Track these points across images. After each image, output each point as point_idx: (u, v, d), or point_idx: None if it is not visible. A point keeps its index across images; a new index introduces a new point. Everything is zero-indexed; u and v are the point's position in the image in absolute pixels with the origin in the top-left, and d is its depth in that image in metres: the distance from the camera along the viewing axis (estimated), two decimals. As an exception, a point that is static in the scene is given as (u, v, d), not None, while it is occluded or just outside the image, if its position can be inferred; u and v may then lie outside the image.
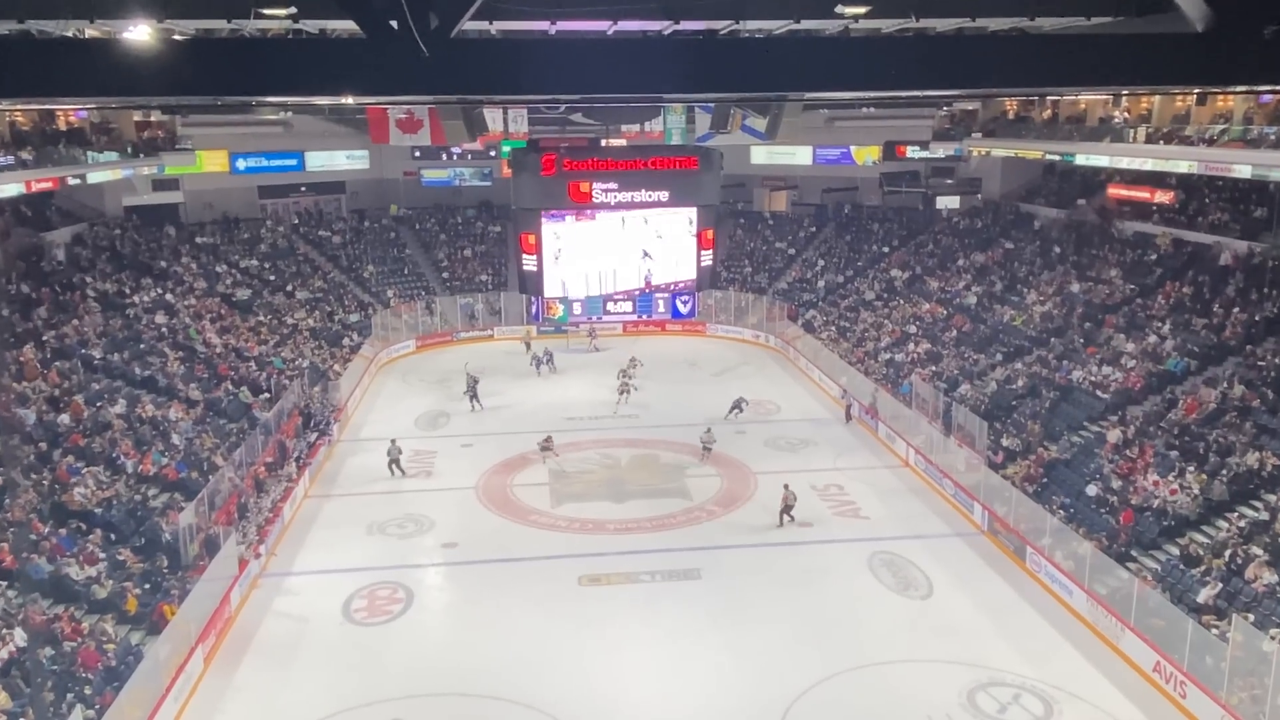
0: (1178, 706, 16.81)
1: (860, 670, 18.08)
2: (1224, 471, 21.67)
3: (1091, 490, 23.30)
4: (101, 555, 19.82)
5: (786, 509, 24.00)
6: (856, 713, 16.78)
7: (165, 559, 20.62)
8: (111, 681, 16.31)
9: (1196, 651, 16.67)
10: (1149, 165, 30.56)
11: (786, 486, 24.08)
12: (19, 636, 16.47)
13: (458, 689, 17.60)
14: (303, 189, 47.61)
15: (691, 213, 30.50)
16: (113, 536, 20.83)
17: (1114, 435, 24.73)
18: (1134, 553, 20.97)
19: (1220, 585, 18.37)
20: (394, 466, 27.76)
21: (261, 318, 37.46)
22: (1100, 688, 17.53)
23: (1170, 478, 22.13)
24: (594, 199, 31.73)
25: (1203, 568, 19.30)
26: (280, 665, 18.67)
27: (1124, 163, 32.07)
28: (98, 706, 15.50)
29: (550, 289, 33.68)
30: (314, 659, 18.82)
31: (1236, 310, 27.05)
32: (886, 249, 44.60)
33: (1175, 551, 20.48)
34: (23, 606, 17.24)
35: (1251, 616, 16.98)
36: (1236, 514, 20.60)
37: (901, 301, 39.46)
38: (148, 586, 19.63)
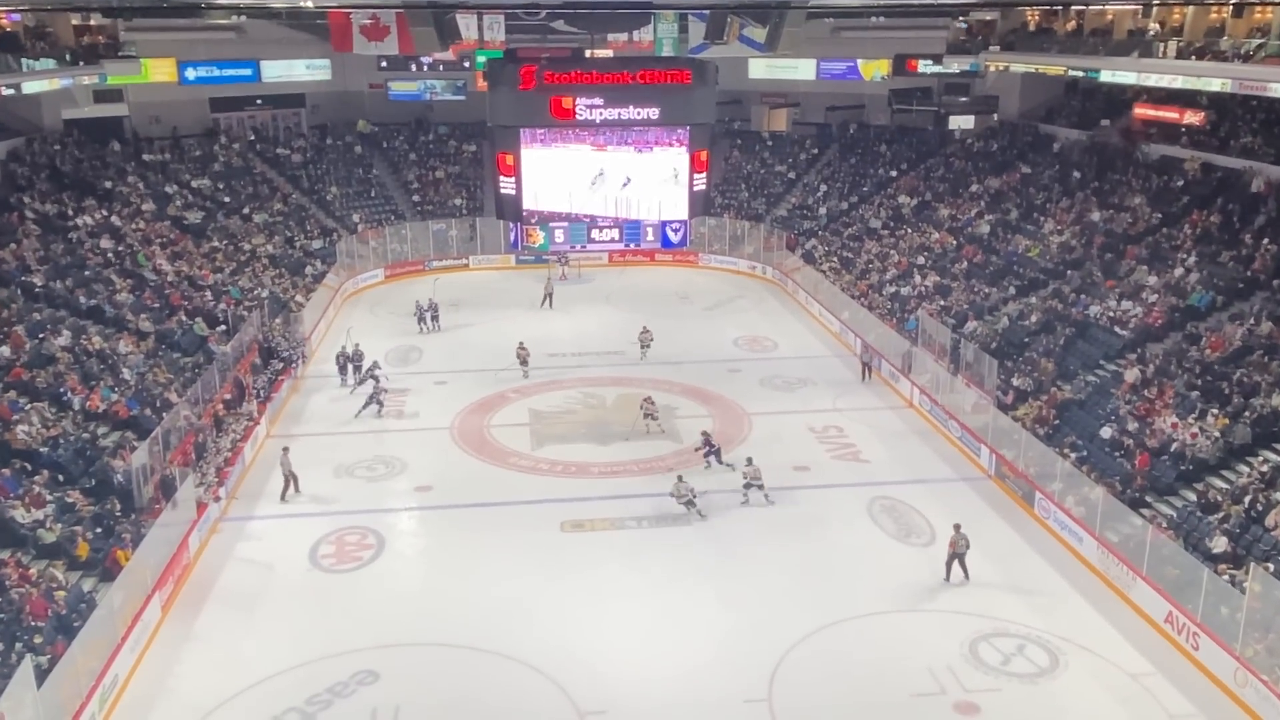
0: (1189, 659, 17.21)
1: (858, 621, 18.41)
2: (1247, 413, 21.90)
3: (1106, 433, 23.54)
4: (49, 497, 19.85)
5: (957, 557, 19.48)
6: (853, 665, 17.11)
7: (117, 502, 20.69)
8: (63, 630, 16.45)
9: (1211, 602, 17.00)
10: (1179, 83, 30.27)
11: (958, 528, 19.65)
12: (-38, 583, 16.56)
13: (431, 639, 17.84)
14: (259, 102, 46.77)
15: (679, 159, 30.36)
16: (60, 477, 20.85)
17: (1132, 374, 24.91)
18: (1149, 498, 21.28)
19: (1228, 542, 18.66)
20: (374, 400, 28.17)
21: (216, 243, 37.09)
22: (1109, 639, 17.91)
23: (1190, 420, 22.36)
24: (577, 115, 31.34)
25: (1221, 514, 19.61)
26: (243, 614, 18.87)
27: (1152, 80, 31.75)
28: (49, 656, 15.65)
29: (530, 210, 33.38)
30: (279, 607, 19.03)
31: (1266, 241, 27.08)
32: (894, 173, 44.32)
33: (1193, 497, 20.80)
34: (-35, 551, 17.31)
35: (1271, 566, 17.29)
36: (1260, 458, 20.87)
37: (909, 230, 39.35)
38: (99, 530, 19.73)
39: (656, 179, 31.38)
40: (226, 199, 40.89)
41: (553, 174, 31.88)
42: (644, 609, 18.78)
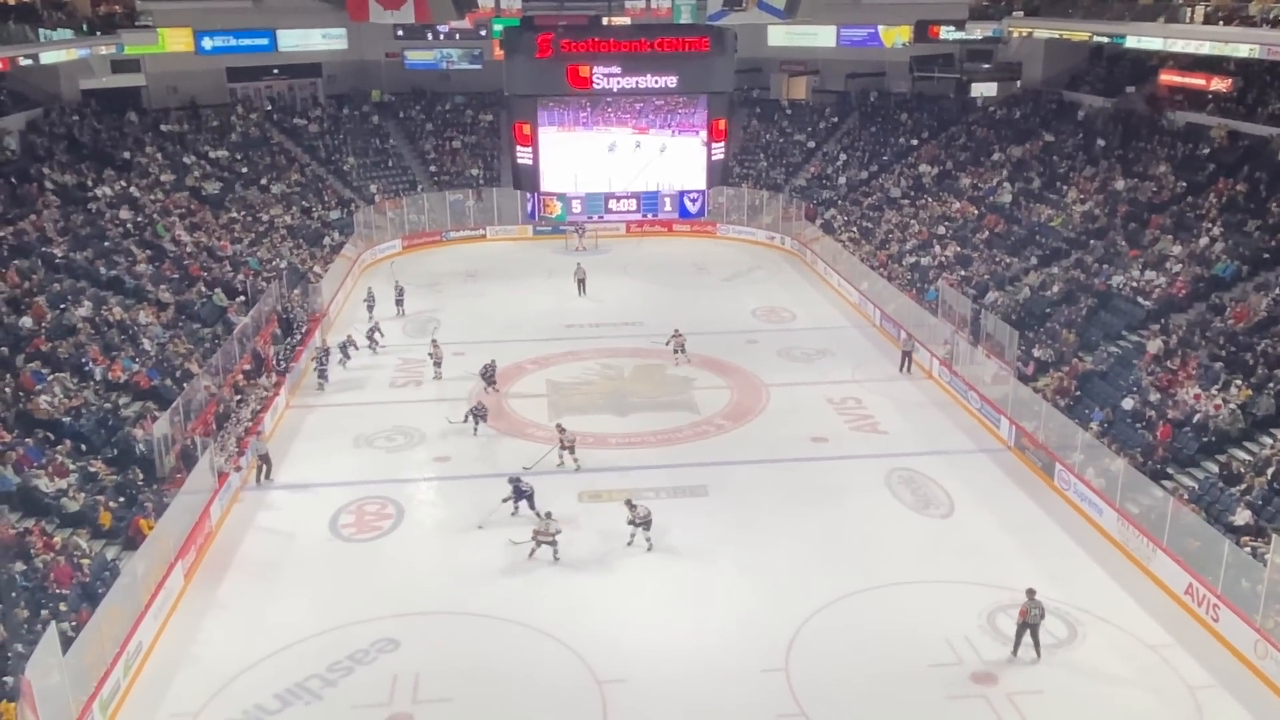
0: (1209, 630, 17.19)
1: (875, 591, 18.45)
2: (1271, 384, 21.72)
3: (1128, 404, 23.41)
4: (72, 467, 20.09)
5: (1029, 628, 16.53)
6: (870, 635, 17.18)
7: (139, 471, 20.92)
8: (87, 598, 16.70)
9: (1232, 574, 16.96)
10: (1206, 49, 29.79)
11: (1031, 595, 16.61)
12: (-12, 551, 16.81)
13: (451, 608, 18.01)
14: (275, 71, 46.71)
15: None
16: (83, 447, 21.08)
17: (1154, 345, 24.73)
18: (1170, 470, 21.19)
19: (1250, 514, 18.56)
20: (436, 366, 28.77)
21: (234, 214, 37.21)
22: (1128, 610, 17.90)
23: (1213, 391, 22.20)
24: (594, 84, 31.26)
25: (1243, 486, 19.50)
26: (265, 582, 19.10)
27: (1178, 46, 31.27)
28: (74, 623, 15.89)
29: (548, 183, 33.55)
30: (300, 576, 19.24)
31: (1294, 211, 26.76)
32: (915, 141, 43.92)
33: (1215, 469, 20.68)
34: (-10, 520, 17.56)
35: (1293, 538, 17.21)
36: (1283, 430, 20.73)
37: (930, 200, 39.05)
38: (122, 500, 19.96)
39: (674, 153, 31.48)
40: (244, 170, 40.96)
41: (570, 150, 32.11)
42: (661, 579, 18.89)
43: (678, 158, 33.61)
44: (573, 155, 33.00)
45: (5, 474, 18.92)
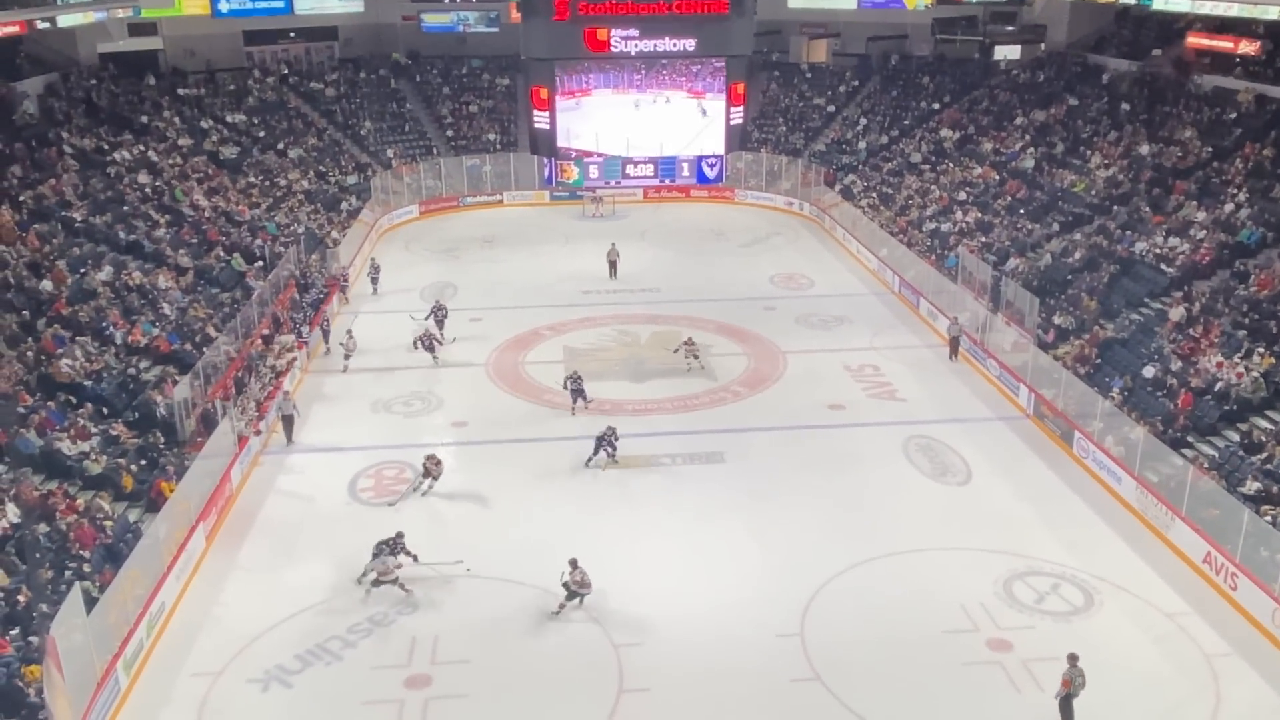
0: (1227, 599, 17.16)
1: (891, 558, 18.50)
2: (1295, 353, 21.54)
3: (1149, 372, 23.26)
4: (93, 430, 20.30)
5: (1069, 698, 14.49)
6: (886, 601, 17.24)
7: (160, 435, 21.11)
8: (110, 559, 16.93)
9: (1251, 542, 16.91)
10: (1234, 11, 29.24)
11: (1074, 661, 14.59)
12: (11, 512, 17.03)
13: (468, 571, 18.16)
14: (292, 35, 46.50)
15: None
16: (104, 410, 21.30)
17: (1177, 313, 24.52)
18: (1190, 438, 21.08)
19: (1259, 484, 18.46)
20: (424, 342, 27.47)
21: (252, 178, 37.24)
22: (1145, 578, 17.89)
23: (1235, 359, 22.02)
24: (612, 47, 31.01)
25: (1264, 455, 19.39)
26: (285, 545, 19.31)
27: (1206, 8, 30.68)
28: (97, 584, 16.13)
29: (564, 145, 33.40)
30: (319, 539, 19.44)
31: (1322, 177, 26.38)
32: (936, 105, 43.44)
33: (1235, 437, 20.57)
34: (14, 481, 17.77)
35: (1313, 507, 17.15)
36: (1306, 399, 20.58)
37: (951, 165, 38.67)
38: (143, 463, 20.18)
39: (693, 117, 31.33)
40: (261, 134, 40.94)
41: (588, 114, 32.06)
42: (677, 544, 18.98)
43: (696, 122, 33.42)
44: (590, 119, 32.85)
45: (28, 437, 19.13)
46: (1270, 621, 16.19)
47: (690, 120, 33.42)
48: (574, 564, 16.89)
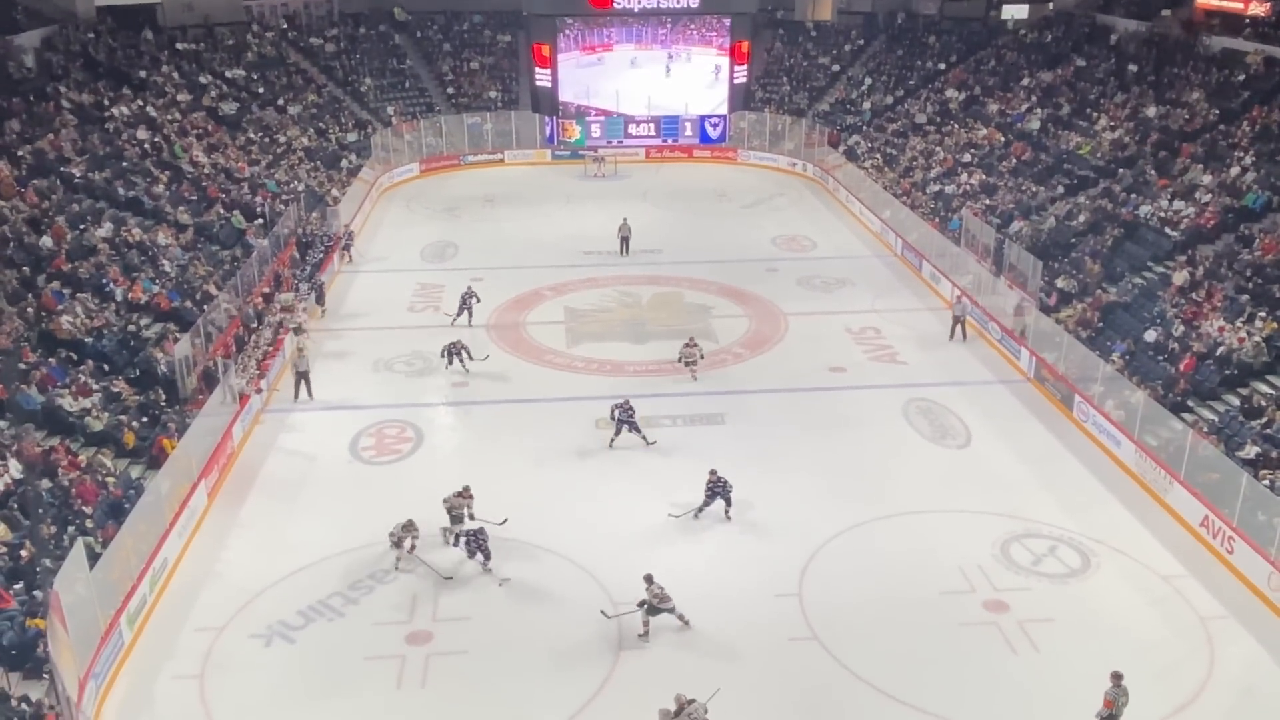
0: (1223, 562, 17.27)
1: (889, 520, 18.60)
2: (1297, 318, 21.52)
3: (1150, 336, 23.25)
4: (95, 386, 20.33)
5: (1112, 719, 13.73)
6: (883, 562, 17.35)
7: (162, 392, 21.16)
8: (112, 515, 17.02)
9: (1249, 506, 16.98)
10: (1247, -29, 28.98)
11: (1117, 680, 13.57)
12: (14, 468, 17.11)
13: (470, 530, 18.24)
14: (291, -12, 46.10)
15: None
16: (105, 367, 21.31)
17: (1180, 277, 24.46)
18: (1190, 403, 21.11)
19: (1258, 449, 18.51)
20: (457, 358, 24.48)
21: (251, 135, 37.00)
22: (1142, 541, 18.00)
23: (1238, 324, 22.00)
24: (615, 3, 30.67)
25: (1264, 419, 19.43)
26: (286, 503, 19.42)
27: (1219, -33, 30.42)
28: (100, 539, 16.23)
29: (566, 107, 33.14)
30: (321, 497, 19.54)
31: (1330, 141, 26.19)
32: (943, 65, 43.08)
33: (1236, 402, 20.60)
34: (16, 438, 17.83)
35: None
36: (1307, 364, 20.58)
37: (956, 126, 38.39)
38: (145, 420, 20.23)
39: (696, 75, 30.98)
40: (260, 90, 40.61)
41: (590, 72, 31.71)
42: (677, 505, 19.04)
43: (699, 81, 33.09)
44: (593, 77, 32.56)
45: (30, 393, 19.18)
46: (1266, 585, 16.30)
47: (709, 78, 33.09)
48: (650, 580, 15.57)
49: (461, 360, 24.26)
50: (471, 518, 17.77)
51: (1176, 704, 13.32)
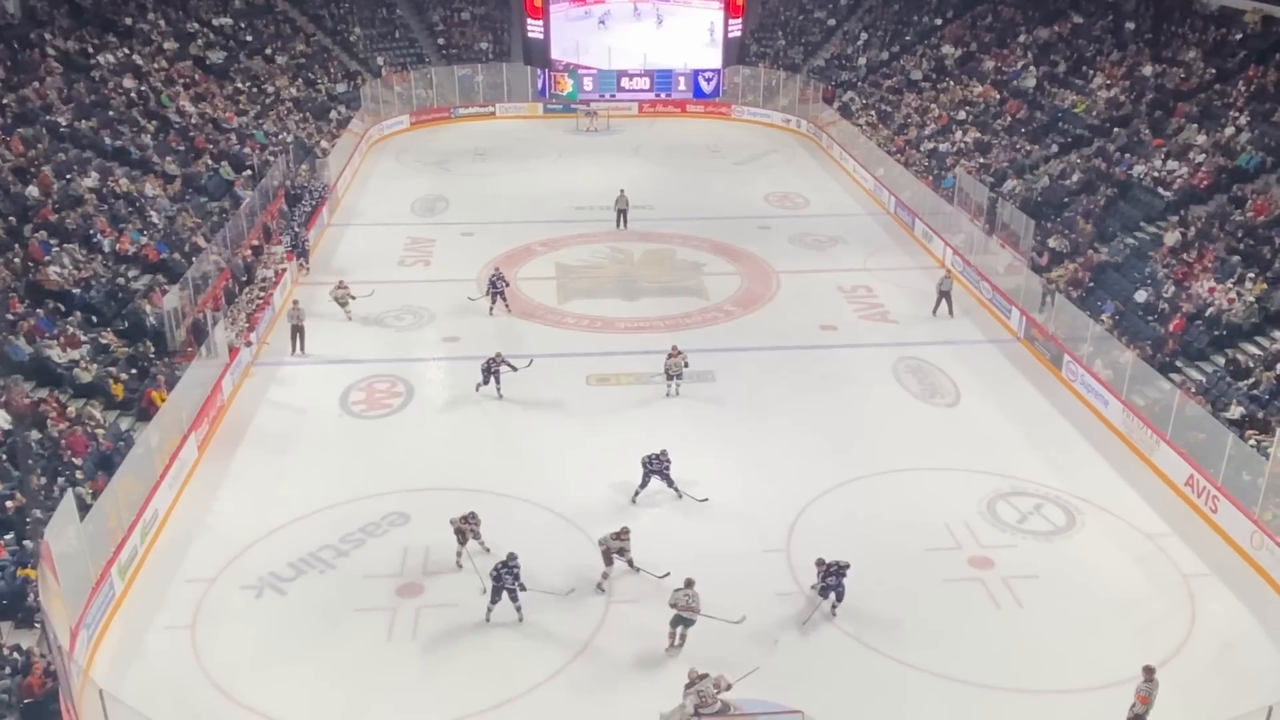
0: (1207, 520, 17.45)
1: (878, 477, 18.72)
2: (1287, 279, 21.56)
3: (1141, 296, 23.30)
4: (83, 338, 20.23)
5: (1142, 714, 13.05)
6: (871, 519, 17.49)
7: (151, 344, 21.07)
8: (102, 467, 17.03)
9: (1234, 466, 17.12)
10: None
11: (1150, 674, 13.00)
12: (2, 419, 17.07)
13: (460, 485, 18.30)
14: (279, -64, 45.20)
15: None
16: (94, 319, 21.20)
17: (1172, 237, 24.46)
18: (1179, 363, 21.21)
19: (1243, 409, 18.63)
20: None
21: (239, 84, 36.55)
22: (1128, 500, 18.16)
23: (1229, 284, 22.05)
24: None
25: (1251, 380, 19.54)
26: (277, 455, 19.44)
27: (1220, -76, 30.09)
28: (91, 490, 16.25)
29: (558, 56, 32.67)
30: (311, 450, 19.57)
31: (1326, 101, 26.08)
32: (939, 21, 42.66)
33: (1223, 362, 20.70)
34: (4, 389, 17.77)
35: (1298, 432, 17.32)
36: (1296, 325, 20.65)
37: (951, 83, 38.12)
38: (134, 372, 20.17)
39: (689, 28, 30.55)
40: (249, 38, 40.05)
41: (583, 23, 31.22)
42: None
43: (693, 33, 32.73)
44: (583, 31, 32.18)
45: (18, 344, 19.08)
46: (1248, 543, 16.49)
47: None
48: (689, 584, 14.49)
49: (497, 378, 21.11)
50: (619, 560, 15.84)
51: (1157, 659, 13.51)
